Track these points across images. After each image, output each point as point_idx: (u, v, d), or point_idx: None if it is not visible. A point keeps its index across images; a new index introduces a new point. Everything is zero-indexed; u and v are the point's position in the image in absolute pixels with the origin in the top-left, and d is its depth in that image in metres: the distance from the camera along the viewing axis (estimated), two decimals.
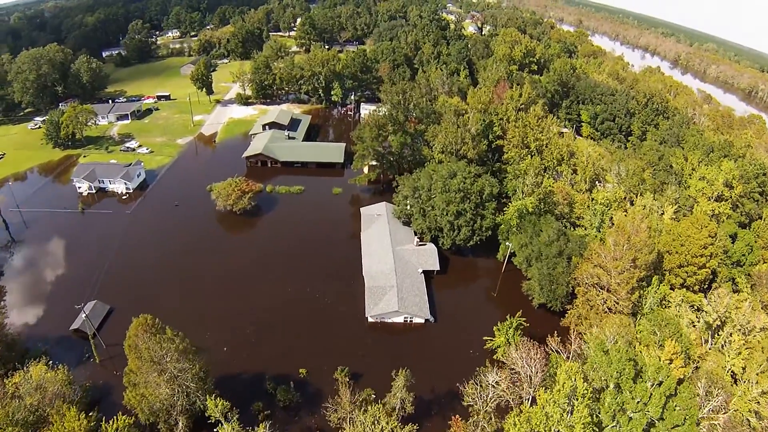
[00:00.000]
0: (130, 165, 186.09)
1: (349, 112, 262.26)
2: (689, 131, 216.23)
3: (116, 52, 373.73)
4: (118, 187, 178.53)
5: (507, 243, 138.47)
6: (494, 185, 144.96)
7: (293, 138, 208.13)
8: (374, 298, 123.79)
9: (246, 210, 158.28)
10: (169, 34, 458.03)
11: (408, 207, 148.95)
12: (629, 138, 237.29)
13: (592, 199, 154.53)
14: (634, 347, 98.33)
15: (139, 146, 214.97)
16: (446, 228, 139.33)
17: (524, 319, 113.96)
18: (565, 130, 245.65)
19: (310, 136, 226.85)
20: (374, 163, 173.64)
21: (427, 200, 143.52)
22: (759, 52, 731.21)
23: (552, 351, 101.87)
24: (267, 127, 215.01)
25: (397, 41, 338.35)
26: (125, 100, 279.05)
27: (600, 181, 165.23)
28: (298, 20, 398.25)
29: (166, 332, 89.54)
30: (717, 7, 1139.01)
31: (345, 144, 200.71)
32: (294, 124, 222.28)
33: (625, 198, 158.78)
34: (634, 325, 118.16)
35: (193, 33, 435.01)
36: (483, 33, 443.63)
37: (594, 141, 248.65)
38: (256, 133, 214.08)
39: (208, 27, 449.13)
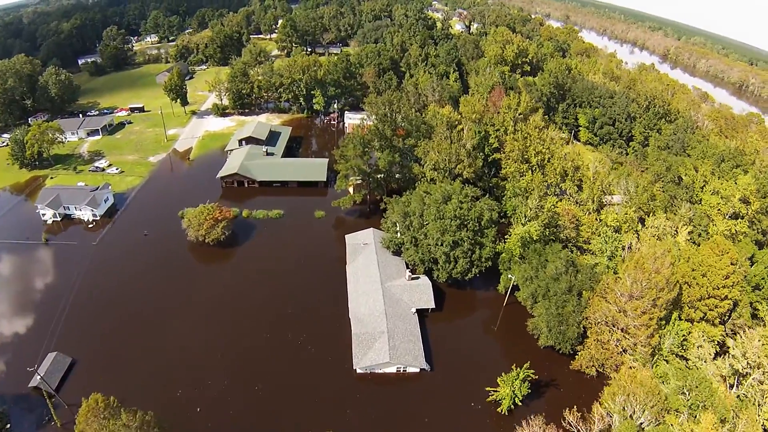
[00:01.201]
0: (97, 189, 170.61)
1: (332, 121, 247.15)
2: (694, 137, 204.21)
3: (92, 59, 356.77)
4: (85, 214, 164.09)
5: (509, 276, 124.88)
6: (494, 209, 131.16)
7: (272, 154, 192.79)
8: (363, 347, 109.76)
9: (220, 240, 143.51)
10: (148, 39, 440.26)
11: (398, 235, 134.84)
12: (630, 143, 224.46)
13: (600, 220, 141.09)
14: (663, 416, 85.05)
15: (109, 165, 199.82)
16: (441, 260, 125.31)
17: (532, 371, 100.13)
18: (562, 135, 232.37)
19: (290, 151, 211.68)
20: (359, 178, 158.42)
21: (420, 228, 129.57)
22: (745, 44, 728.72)
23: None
24: (243, 142, 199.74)
25: (382, 43, 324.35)
26: (97, 113, 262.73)
27: (606, 192, 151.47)
28: (280, 22, 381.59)
29: (121, 416, 76.27)
30: (703, 1, 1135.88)
31: (328, 160, 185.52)
32: (273, 137, 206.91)
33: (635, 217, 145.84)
34: (651, 364, 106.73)
35: (171, 38, 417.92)
36: (471, 31, 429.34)
37: (593, 146, 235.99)
38: (232, 149, 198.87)
39: (188, 31, 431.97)
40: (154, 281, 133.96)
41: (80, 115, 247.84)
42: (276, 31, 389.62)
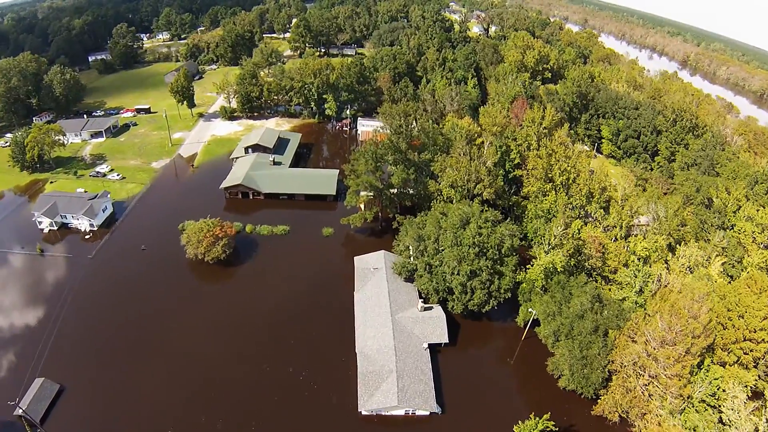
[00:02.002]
0: (95, 197, 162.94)
1: (344, 128, 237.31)
2: (723, 154, 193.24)
3: (102, 57, 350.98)
4: (82, 223, 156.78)
5: (530, 309, 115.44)
6: (515, 234, 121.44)
7: (279, 163, 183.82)
8: (369, 387, 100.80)
9: (220, 259, 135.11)
10: (160, 36, 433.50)
11: (411, 260, 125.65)
12: (655, 158, 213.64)
13: (627, 247, 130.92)
14: None
15: (111, 171, 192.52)
16: (457, 291, 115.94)
17: (552, 423, 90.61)
18: (585, 147, 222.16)
19: (299, 159, 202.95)
20: (370, 193, 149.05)
21: (435, 254, 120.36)
22: (766, 51, 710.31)
23: None
24: (250, 149, 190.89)
25: (398, 46, 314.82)
26: (102, 113, 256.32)
27: (634, 217, 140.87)
28: (293, 21, 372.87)
29: None
30: (722, 6, 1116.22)
31: (338, 171, 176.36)
32: (281, 145, 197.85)
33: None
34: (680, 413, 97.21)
35: (183, 36, 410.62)
36: (489, 34, 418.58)
37: (616, 160, 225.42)
38: (237, 157, 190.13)
39: (200, 29, 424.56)
40: (149, 303, 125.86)
41: (85, 116, 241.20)
42: (290, 30, 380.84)
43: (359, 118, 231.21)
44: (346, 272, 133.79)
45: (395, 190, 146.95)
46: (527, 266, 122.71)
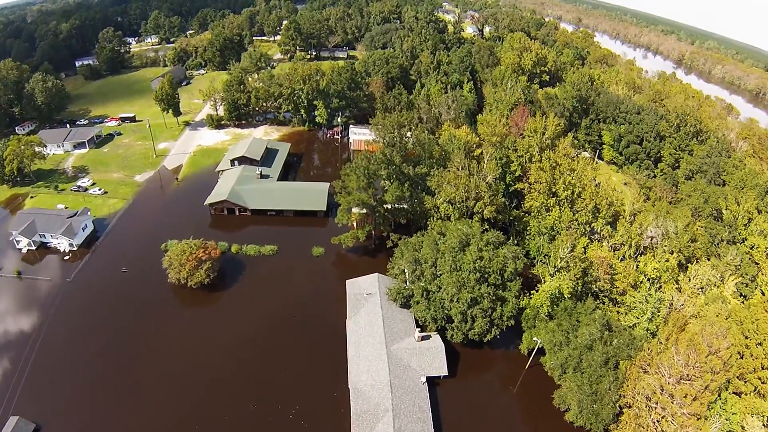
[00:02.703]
0: (75, 215, 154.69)
1: (335, 136, 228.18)
2: (730, 161, 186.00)
3: (89, 62, 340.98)
4: (61, 243, 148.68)
5: (535, 338, 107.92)
6: (519, 256, 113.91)
7: (267, 176, 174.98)
8: (363, 428, 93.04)
9: (204, 284, 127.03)
10: (149, 40, 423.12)
11: (406, 285, 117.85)
12: (658, 165, 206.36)
13: (637, 267, 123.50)
14: None
15: (93, 185, 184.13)
16: (457, 319, 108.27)
17: None
18: (585, 154, 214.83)
19: (288, 170, 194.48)
20: (363, 210, 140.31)
21: (432, 279, 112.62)
22: (759, 49, 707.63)
23: None
24: (236, 162, 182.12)
25: (391, 48, 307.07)
26: (86, 122, 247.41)
27: (643, 234, 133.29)
28: (284, 23, 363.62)
29: None
30: (714, 4, 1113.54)
31: (329, 184, 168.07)
32: (269, 156, 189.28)
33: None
34: None
35: (172, 39, 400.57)
36: (483, 35, 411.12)
37: (617, 166, 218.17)
38: (223, 170, 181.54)
39: (189, 32, 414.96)
40: (129, 333, 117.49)
41: (68, 125, 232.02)
42: (280, 33, 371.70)
43: (351, 126, 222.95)
44: (337, 297, 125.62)
45: (389, 206, 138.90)
46: (531, 291, 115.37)
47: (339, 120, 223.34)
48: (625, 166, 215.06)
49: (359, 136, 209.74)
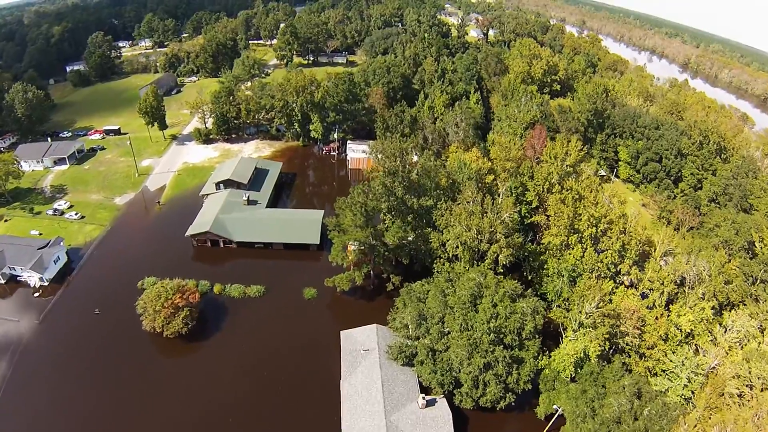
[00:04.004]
0: (47, 245, 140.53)
1: (332, 152, 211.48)
2: (757, 182, 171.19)
3: (80, 67, 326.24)
4: (32, 277, 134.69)
5: (555, 406, 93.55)
6: (539, 310, 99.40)
7: (255, 202, 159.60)
8: None
9: (182, 333, 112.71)
10: (142, 43, 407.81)
11: (409, 342, 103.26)
12: (679, 184, 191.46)
13: (668, 315, 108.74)
14: None
15: (70, 208, 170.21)
16: (467, 385, 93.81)
17: None
18: (602, 173, 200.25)
19: (280, 193, 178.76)
20: (361, 246, 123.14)
21: (439, 338, 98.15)
22: (761, 51, 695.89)
23: None
24: (221, 185, 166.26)
25: (392, 54, 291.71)
26: (70, 134, 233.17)
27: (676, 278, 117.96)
28: (281, 26, 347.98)
29: None
30: (718, 6, 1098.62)
31: (323, 211, 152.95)
32: (258, 178, 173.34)
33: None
34: None
35: (166, 43, 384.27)
36: (488, 39, 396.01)
37: (634, 185, 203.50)
38: (208, 194, 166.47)
39: (183, 35, 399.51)
40: (98, 389, 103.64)
41: (49, 138, 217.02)
42: (276, 37, 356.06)
43: (349, 142, 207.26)
44: (331, 350, 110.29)
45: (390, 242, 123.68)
46: (548, 339, 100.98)
47: (335, 135, 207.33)
48: (642, 185, 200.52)
49: (358, 153, 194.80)
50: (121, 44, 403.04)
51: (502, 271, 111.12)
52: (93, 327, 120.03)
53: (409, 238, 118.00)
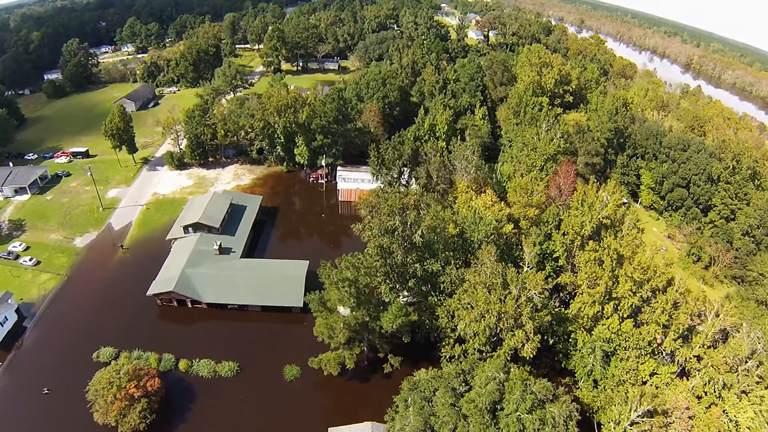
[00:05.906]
0: None
1: (320, 179, 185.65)
2: None
3: (56, 76, 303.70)
4: None
5: None
6: (573, 416, 78.80)
7: (228, 250, 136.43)
8: None
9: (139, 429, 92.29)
10: (125, 49, 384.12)
11: None
12: (708, 213, 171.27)
13: (724, 411, 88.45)
14: None
15: (26, 250, 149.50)
16: None
17: None
18: (624, 201, 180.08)
19: (258, 235, 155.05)
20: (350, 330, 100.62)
21: None
22: (760, 50, 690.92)
23: None
24: (190, 228, 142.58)
25: (388, 60, 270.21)
26: (35, 156, 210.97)
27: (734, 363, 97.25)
28: (269, 29, 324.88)
29: None
30: (715, 4, 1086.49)
31: (308, 262, 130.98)
32: (234, 217, 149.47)
33: None
34: None
35: (149, 48, 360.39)
36: (489, 41, 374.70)
37: (657, 213, 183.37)
38: (175, 238, 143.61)
39: (167, 40, 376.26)
40: None
41: (11, 163, 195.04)
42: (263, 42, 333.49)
43: (339, 169, 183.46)
44: None
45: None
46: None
47: (323, 161, 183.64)
48: (667, 213, 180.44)
49: (350, 183, 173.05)
50: (104, 49, 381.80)
51: (530, 368, 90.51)
52: (42, 412, 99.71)
53: (413, 320, 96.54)
